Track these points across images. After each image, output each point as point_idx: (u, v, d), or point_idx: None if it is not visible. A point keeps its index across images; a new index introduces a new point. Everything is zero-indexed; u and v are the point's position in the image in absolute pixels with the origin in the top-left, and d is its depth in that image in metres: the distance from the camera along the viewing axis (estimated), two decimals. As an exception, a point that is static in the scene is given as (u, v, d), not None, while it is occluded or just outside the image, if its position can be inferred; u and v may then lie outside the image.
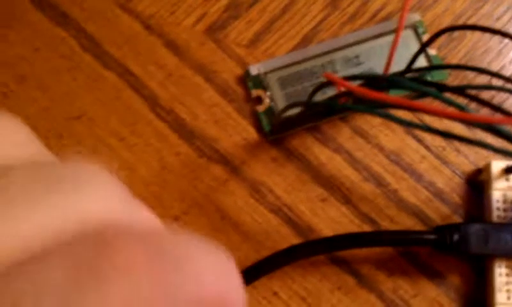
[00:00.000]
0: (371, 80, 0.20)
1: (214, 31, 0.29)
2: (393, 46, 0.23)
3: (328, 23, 0.29)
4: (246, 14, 0.29)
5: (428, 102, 0.24)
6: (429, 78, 0.27)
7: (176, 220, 0.26)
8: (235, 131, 0.27)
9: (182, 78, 0.28)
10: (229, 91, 0.28)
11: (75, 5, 0.29)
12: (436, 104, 0.20)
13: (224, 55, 0.28)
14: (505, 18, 0.29)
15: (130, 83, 0.28)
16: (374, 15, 0.29)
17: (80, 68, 0.28)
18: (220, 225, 0.26)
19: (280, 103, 0.27)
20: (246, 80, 0.27)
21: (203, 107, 0.28)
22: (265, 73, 0.27)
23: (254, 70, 0.27)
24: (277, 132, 0.27)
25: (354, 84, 0.18)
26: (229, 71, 0.28)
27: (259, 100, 0.27)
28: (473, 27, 0.21)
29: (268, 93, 0.27)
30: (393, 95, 0.22)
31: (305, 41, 0.29)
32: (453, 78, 0.28)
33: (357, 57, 0.27)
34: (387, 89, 0.25)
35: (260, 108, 0.27)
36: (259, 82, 0.27)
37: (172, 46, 0.29)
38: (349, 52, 0.27)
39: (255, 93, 0.27)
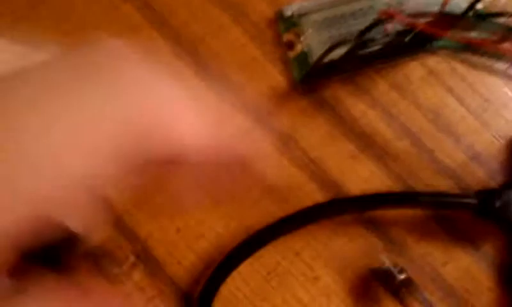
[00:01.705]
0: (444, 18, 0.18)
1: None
2: None
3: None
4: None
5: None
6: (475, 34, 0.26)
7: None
8: (262, 77, 0.26)
9: (207, 17, 0.26)
10: (258, 34, 0.26)
11: None
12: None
13: (253, -6, 0.27)
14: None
15: (149, 18, 0.26)
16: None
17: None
18: (241, 177, 0.25)
19: (317, 48, 0.25)
20: (278, 22, 0.26)
21: (229, 50, 0.26)
22: (300, 16, 0.25)
23: (287, 11, 0.26)
24: (311, 79, 0.25)
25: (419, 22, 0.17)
26: (259, 12, 0.26)
27: (291, 45, 0.26)
28: None
29: (302, 38, 0.25)
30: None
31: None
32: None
33: (400, 2, 0.25)
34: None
35: (292, 53, 0.25)
36: (292, 24, 0.25)
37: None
38: None
39: (287, 36, 0.25)
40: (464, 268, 0.24)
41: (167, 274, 0.25)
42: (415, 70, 0.25)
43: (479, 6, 0.24)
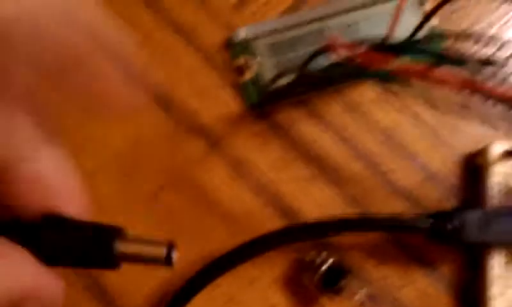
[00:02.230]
0: (380, 47, 0.18)
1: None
2: (397, 12, 0.21)
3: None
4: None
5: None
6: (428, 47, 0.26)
7: (151, 196, 0.25)
8: (216, 101, 0.26)
9: (161, 41, 0.26)
10: (212, 57, 0.26)
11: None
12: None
13: (208, 16, 0.26)
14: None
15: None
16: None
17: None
18: (196, 204, 0.25)
19: (268, 73, 0.25)
20: (232, 46, 0.26)
21: (183, 74, 0.26)
22: (253, 39, 0.25)
23: (241, 34, 0.25)
24: (263, 103, 0.25)
25: (362, 50, 0.17)
26: (213, 35, 0.26)
27: (242, 70, 0.26)
28: None
29: (255, 61, 0.25)
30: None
31: (297, 4, 0.27)
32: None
33: (354, 24, 0.26)
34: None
35: (246, 77, 0.25)
36: (246, 48, 0.25)
37: (152, 5, 0.27)
38: (345, 19, 0.26)
39: (241, 59, 0.25)
40: (422, 290, 0.24)
41: (124, 304, 0.24)
42: (366, 91, 0.25)
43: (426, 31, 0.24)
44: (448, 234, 0.23)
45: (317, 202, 0.25)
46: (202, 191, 0.25)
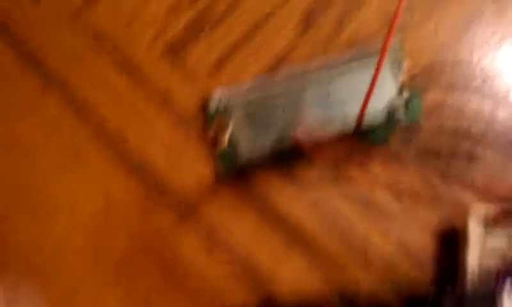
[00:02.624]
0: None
1: (173, 51, 0.26)
2: (369, 92, 0.21)
3: (299, 47, 0.27)
4: (208, 34, 0.27)
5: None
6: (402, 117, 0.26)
7: (119, 269, 0.24)
8: (190, 168, 0.25)
9: (134, 105, 0.26)
10: (186, 122, 0.26)
11: (15, 10, 0.27)
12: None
13: (182, 79, 0.26)
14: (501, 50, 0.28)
15: (74, 105, 0.26)
16: (351, 37, 0.27)
17: (17, 86, 0.26)
18: (166, 278, 0.24)
19: (243, 140, 0.25)
20: (206, 111, 0.26)
21: (156, 139, 0.26)
22: (228, 104, 0.25)
23: (215, 100, 0.25)
24: (238, 172, 0.25)
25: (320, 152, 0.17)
26: (187, 99, 0.26)
27: (217, 138, 0.25)
28: None
29: (227, 132, 0.25)
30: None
31: (274, 66, 0.26)
32: (428, 116, 0.26)
33: (328, 92, 0.25)
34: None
35: (220, 143, 0.25)
36: (220, 113, 0.25)
37: (124, 66, 0.26)
38: (320, 85, 0.25)
39: (215, 125, 0.25)
40: None
41: None
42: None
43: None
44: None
45: (293, 275, 0.24)
46: (173, 262, 0.24)
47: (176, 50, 0.26)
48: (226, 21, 0.27)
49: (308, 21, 0.27)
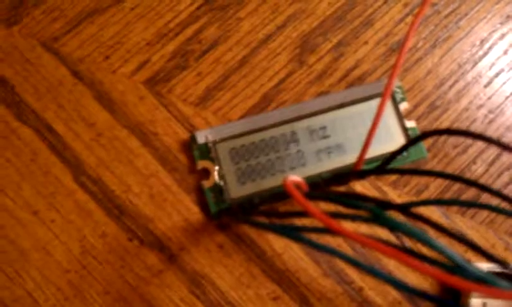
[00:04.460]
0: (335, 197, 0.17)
1: (157, 82, 0.26)
2: (371, 132, 0.21)
3: (292, 81, 0.26)
4: (195, 64, 0.26)
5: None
6: (405, 154, 0.25)
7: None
8: (174, 209, 0.24)
9: (114, 140, 0.25)
10: (170, 159, 0.25)
11: (-12, 39, 0.26)
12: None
13: (167, 113, 0.25)
14: (496, 84, 0.27)
15: (49, 142, 0.25)
16: (346, 75, 0.26)
17: (-11, 120, 0.25)
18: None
19: (229, 180, 0.24)
20: (192, 148, 0.25)
21: (138, 177, 0.25)
22: (215, 142, 0.24)
23: (201, 137, 0.24)
24: (225, 213, 0.24)
25: (313, 207, 0.16)
26: (172, 134, 0.25)
27: (206, 173, 0.24)
28: (470, 134, 0.18)
29: (216, 167, 0.24)
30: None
31: (264, 101, 0.26)
32: (432, 156, 0.26)
33: (323, 128, 0.25)
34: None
35: (207, 183, 0.24)
36: (207, 151, 0.24)
37: (104, 98, 0.25)
38: (314, 122, 0.25)
39: (201, 164, 0.24)
40: None
41: None
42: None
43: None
44: None
45: (284, 325, 0.23)
46: (157, 310, 0.23)
47: (159, 82, 0.26)
48: (214, 52, 0.26)
49: (301, 56, 0.26)
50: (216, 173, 0.24)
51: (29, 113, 0.25)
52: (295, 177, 0.17)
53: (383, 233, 0.24)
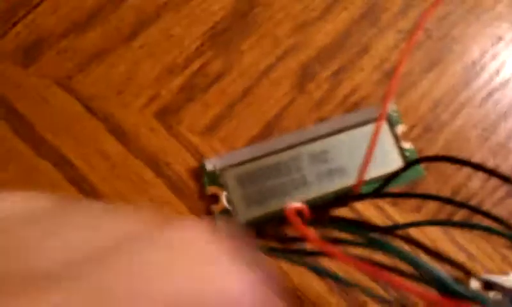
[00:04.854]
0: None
1: (166, 115, 0.27)
2: (368, 156, 0.22)
3: (293, 109, 0.28)
4: (202, 96, 0.28)
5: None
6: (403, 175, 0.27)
7: None
8: (187, 233, 0.26)
9: (128, 171, 0.27)
10: (181, 186, 0.26)
11: (7, 81, 0.28)
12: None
13: (177, 143, 0.27)
14: (489, 104, 0.29)
15: (67, 175, 0.26)
16: (344, 101, 0.28)
17: (11, 156, 0.27)
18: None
19: (238, 203, 0.26)
20: (202, 175, 0.26)
21: (152, 206, 0.26)
22: (223, 169, 0.26)
23: (210, 165, 0.26)
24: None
25: (313, 234, 0.17)
26: (182, 163, 0.27)
27: (215, 199, 0.26)
28: (467, 163, 0.20)
29: (225, 192, 0.26)
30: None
31: (268, 128, 0.27)
32: (429, 174, 0.27)
33: (325, 152, 0.26)
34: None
35: (216, 208, 0.26)
36: (215, 178, 0.26)
37: (117, 132, 0.27)
38: (316, 146, 0.26)
39: (211, 190, 0.26)
40: None
41: None
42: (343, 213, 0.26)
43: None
44: None
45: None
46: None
47: (169, 114, 0.27)
48: (219, 84, 0.28)
49: (301, 85, 0.28)
50: (224, 198, 0.26)
51: (48, 148, 0.27)
52: (296, 204, 0.19)
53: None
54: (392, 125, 0.27)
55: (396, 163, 0.27)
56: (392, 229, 0.19)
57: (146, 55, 0.28)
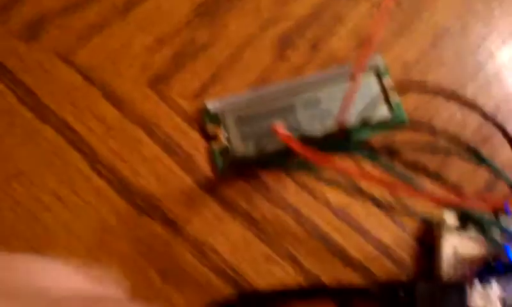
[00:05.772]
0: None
1: (158, 82, 0.30)
2: (348, 98, 0.25)
3: (275, 74, 0.31)
4: (191, 65, 0.31)
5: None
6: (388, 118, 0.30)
7: (117, 283, 0.27)
8: (177, 187, 0.29)
9: (123, 133, 0.30)
10: (172, 145, 0.29)
11: (12, 55, 0.31)
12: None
13: (167, 108, 0.30)
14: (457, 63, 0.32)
15: (68, 138, 0.29)
16: (322, 65, 0.31)
17: (16, 123, 0.30)
18: (162, 288, 0.27)
19: (236, 142, 0.29)
20: (203, 115, 0.30)
21: (145, 163, 0.29)
22: (223, 111, 0.29)
23: (210, 106, 0.30)
24: (232, 172, 0.29)
25: (296, 141, 0.20)
26: (172, 125, 0.30)
27: (215, 135, 0.29)
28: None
29: (224, 132, 0.29)
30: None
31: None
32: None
33: (318, 100, 0.30)
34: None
35: (215, 145, 0.29)
36: (216, 119, 0.30)
37: (113, 98, 0.30)
38: (309, 95, 0.30)
39: (211, 128, 0.29)
40: None
41: None
42: (323, 169, 0.29)
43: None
44: (401, 302, 0.25)
45: (278, 279, 0.27)
46: (169, 265, 0.27)
47: (160, 82, 0.30)
48: (207, 53, 0.31)
49: (282, 52, 0.31)
50: (223, 137, 0.29)
51: (50, 115, 0.30)
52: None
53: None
54: (379, 75, 0.30)
55: (383, 112, 0.30)
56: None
57: (139, 28, 0.31)
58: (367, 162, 0.28)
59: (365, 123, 0.26)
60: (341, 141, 0.26)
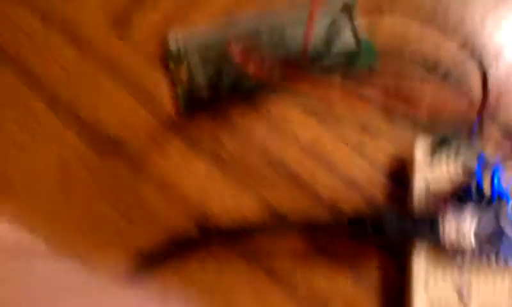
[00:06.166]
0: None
1: (119, 20, 0.30)
2: (309, 24, 0.24)
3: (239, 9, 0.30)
4: (152, 3, 0.30)
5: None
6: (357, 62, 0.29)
7: (80, 229, 0.27)
8: (141, 127, 0.28)
9: (84, 75, 0.29)
10: (134, 85, 0.29)
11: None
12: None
13: (128, 47, 0.29)
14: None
15: (27, 79, 0.29)
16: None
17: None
18: (125, 227, 0.27)
19: (198, 80, 0.28)
20: (166, 54, 0.29)
21: (107, 104, 0.29)
22: (185, 46, 0.29)
23: (172, 44, 0.29)
24: (192, 112, 0.28)
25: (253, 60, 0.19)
26: (134, 64, 0.29)
27: (178, 73, 0.29)
28: None
29: (186, 69, 0.28)
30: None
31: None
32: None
33: (283, 26, 0.29)
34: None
35: (180, 80, 0.28)
36: (178, 56, 0.29)
37: (73, 39, 0.30)
38: (275, 22, 0.29)
39: (173, 64, 0.29)
40: (348, 294, 0.26)
41: None
42: (291, 104, 0.28)
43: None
44: (368, 233, 0.25)
45: (243, 217, 0.27)
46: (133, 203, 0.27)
47: (122, 19, 0.30)
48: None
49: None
50: (186, 73, 0.28)
51: (7, 56, 0.29)
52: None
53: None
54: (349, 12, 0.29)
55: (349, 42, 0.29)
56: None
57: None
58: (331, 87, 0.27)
59: (328, 46, 0.25)
60: (305, 64, 0.25)
